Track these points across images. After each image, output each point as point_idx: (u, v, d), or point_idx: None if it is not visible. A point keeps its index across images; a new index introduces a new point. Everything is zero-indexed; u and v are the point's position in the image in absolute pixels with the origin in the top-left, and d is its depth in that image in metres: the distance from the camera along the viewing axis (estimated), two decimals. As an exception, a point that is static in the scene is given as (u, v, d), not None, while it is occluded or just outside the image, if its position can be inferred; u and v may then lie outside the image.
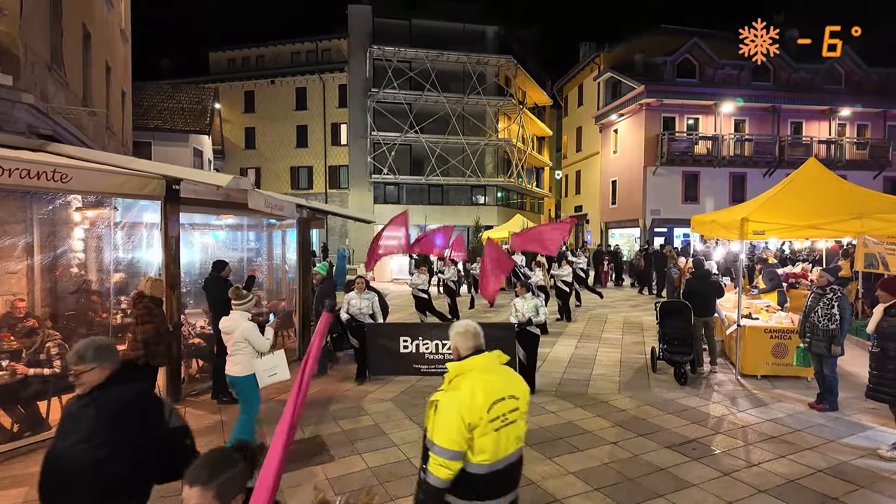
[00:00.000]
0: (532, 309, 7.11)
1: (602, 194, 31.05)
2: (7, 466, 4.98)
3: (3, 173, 4.75)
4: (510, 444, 2.43)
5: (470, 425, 2.32)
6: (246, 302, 5.35)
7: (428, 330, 7.81)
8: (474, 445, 2.34)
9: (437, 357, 7.47)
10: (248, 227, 11.29)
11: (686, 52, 26.73)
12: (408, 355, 7.56)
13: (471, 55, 29.70)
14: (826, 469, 4.89)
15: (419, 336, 7.57)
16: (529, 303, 7.18)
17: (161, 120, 21.66)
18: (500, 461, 2.39)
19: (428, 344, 7.53)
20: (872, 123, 27.88)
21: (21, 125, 7.17)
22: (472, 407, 2.32)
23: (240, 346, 5.09)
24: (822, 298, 6.49)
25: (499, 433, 2.37)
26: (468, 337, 2.62)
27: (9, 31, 7.16)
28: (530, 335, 7.12)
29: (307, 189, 33.16)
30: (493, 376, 2.50)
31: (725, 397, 7.02)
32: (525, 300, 7.23)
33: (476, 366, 2.50)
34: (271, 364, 5.21)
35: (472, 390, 2.37)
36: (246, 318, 5.21)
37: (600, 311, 14.57)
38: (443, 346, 7.45)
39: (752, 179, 26.57)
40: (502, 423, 2.39)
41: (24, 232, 7.27)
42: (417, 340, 7.52)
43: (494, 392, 2.41)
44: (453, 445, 2.30)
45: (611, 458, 5.15)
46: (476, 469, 2.35)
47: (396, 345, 7.57)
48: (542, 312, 7.16)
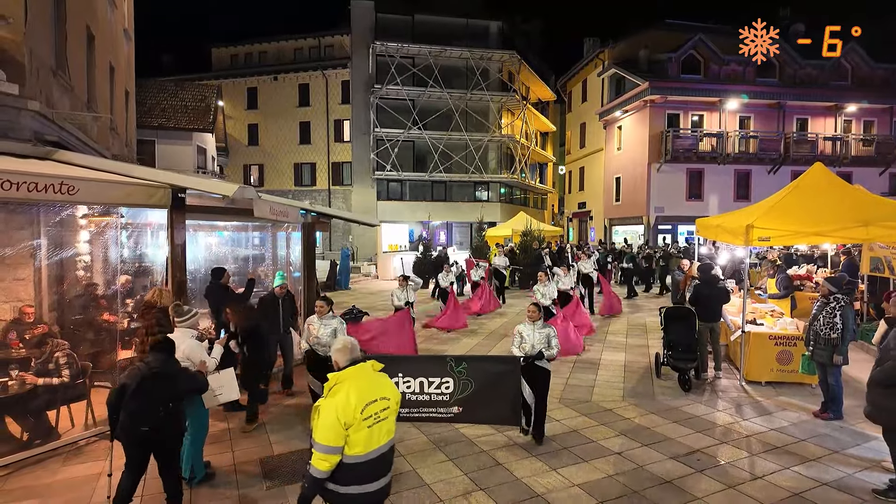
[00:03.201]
0: (543, 340, 5.70)
1: (606, 191, 30.98)
2: (18, 477, 5.03)
3: (11, 187, 4.77)
4: (381, 437, 2.99)
5: (345, 424, 2.84)
6: (188, 318, 5.19)
7: (411, 365, 5.87)
8: (350, 441, 2.87)
9: (423, 398, 5.70)
10: (252, 228, 11.36)
11: (691, 48, 26.56)
12: None
13: (474, 51, 29.57)
14: (831, 482, 4.90)
15: (399, 372, 5.67)
16: (541, 332, 5.73)
17: (165, 118, 21.67)
18: (373, 451, 2.95)
19: (410, 382, 5.71)
20: (879, 119, 27.72)
21: (27, 132, 7.18)
22: (347, 409, 2.84)
23: (184, 365, 4.83)
24: (826, 307, 6.49)
25: (371, 429, 2.92)
26: (346, 352, 3.11)
27: (14, 38, 7.16)
28: (540, 371, 5.71)
29: (310, 186, 33.18)
30: (365, 382, 3.00)
31: (730, 405, 7.02)
32: (534, 328, 5.77)
33: (351, 375, 3.01)
34: (216, 384, 5.00)
35: (347, 395, 2.89)
36: (188, 336, 5.03)
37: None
38: (430, 384, 5.69)
39: (756, 176, 26.48)
40: (374, 421, 2.93)
41: (31, 238, 7.30)
42: (397, 377, 5.64)
43: (367, 395, 2.94)
44: (331, 442, 2.84)
45: (616, 470, 5.18)
46: (352, 459, 2.90)
47: None
48: (554, 344, 5.72)
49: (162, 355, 4.27)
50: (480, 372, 5.66)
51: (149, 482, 4.66)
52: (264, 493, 4.80)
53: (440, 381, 5.66)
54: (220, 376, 5.11)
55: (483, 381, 5.63)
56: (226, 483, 4.98)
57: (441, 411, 5.70)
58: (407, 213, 29.93)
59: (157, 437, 4.12)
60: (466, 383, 5.64)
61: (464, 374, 5.64)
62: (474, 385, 5.63)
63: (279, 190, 30.93)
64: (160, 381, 4.11)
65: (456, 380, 5.65)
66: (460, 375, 5.64)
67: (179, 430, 4.41)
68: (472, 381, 5.63)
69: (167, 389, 4.15)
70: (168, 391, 4.16)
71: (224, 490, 4.85)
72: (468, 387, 5.63)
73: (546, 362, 5.76)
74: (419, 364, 5.94)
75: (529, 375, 5.67)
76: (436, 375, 5.66)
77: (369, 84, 29.52)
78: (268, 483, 4.97)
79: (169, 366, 4.28)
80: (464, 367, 5.66)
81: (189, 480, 4.86)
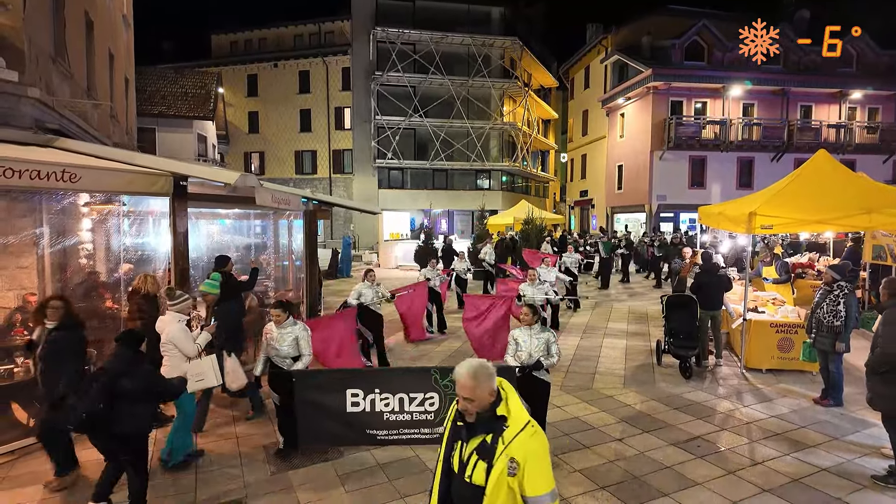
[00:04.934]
0: (542, 347, 4.95)
1: (608, 179, 30.86)
2: (24, 462, 5.10)
3: (13, 175, 4.77)
4: None
5: None
6: (179, 302, 5.20)
7: (390, 378, 5.06)
8: None
9: (404, 418, 4.91)
10: (254, 216, 11.36)
11: (694, 35, 26.29)
12: (359, 416, 4.91)
13: (475, 37, 29.29)
14: (831, 468, 4.94)
15: (376, 387, 4.90)
16: (538, 338, 5.00)
17: (165, 106, 21.58)
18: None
19: (388, 399, 4.89)
20: (884, 106, 27.48)
21: (28, 120, 7.16)
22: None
23: (167, 348, 5.01)
24: (829, 295, 6.49)
25: None
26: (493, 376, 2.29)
27: (12, 25, 7.11)
28: (539, 384, 5.01)
29: (311, 174, 33.08)
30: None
31: (730, 392, 7.06)
32: (531, 333, 5.03)
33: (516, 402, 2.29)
34: (198, 370, 5.03)
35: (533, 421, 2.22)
36: (177, 320, 5.09)
37: (605, 301, 14.61)
38: (411, 401, 4.89)
39: (759, 164, 26.34)
40: None
41: (34, 226, 7.31)
42: (373, 394, 4.89)
43: None
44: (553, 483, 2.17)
45: (617, 456, 5.22)
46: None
47: (341, 401, 4.89)
48: (554, 351, 4.99)
49: (123, 350, 4.08)
50: None
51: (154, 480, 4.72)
52: (268, 478, 4.86)
53: (423, 397, 4.87)
54: (201, 362, 5.11)
55: None
56: (231, 465, 5.04)
57: (425, 432, 4.91)
58: (408, 201, 29.87)
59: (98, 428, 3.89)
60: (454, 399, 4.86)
61: (451, 388, 4.71)
62: None
63: (280, 178, 30.84)
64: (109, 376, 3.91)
65: (442, 395, 4.84)
66: (447, 389, 4.80)
67: (138, 432, 4.08)
68: None
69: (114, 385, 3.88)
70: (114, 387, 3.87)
71: (230, 471, 4.91)
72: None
73: (546, 373, 5.05)
74: (398, 378, 5.02)
75: (526, 388, 4.76)
76: (418, 390, 4.86)
77: (370, 71, 29.30)
78: (272, 469, 5.04)
79: (122, 361, 4.03)
80: (451, 381, 4.63)
81: (164, 463, 4.96)
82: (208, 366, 5.15)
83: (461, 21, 29.40)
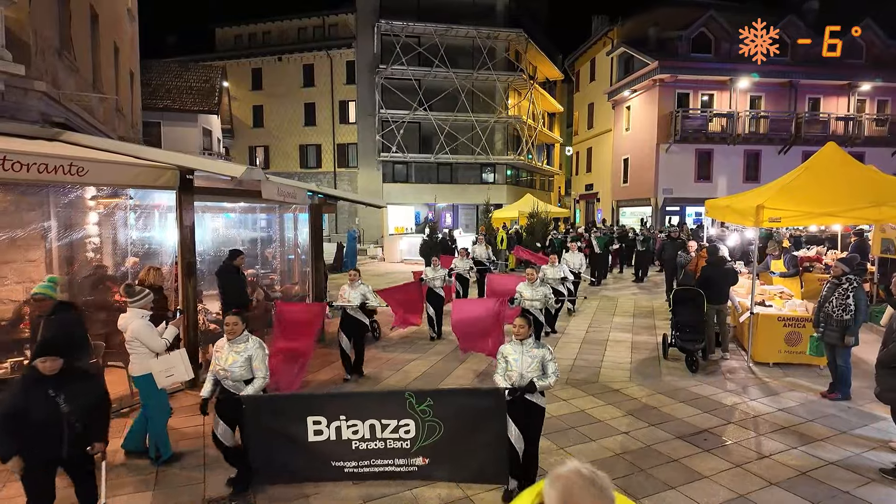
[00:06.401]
0: (536, 366, 4.23)
1: (613, 172, 30.72)
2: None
3: (21, 168, 4.79)
4: None
5: None
6: (139, 299, 5.07)
7: (358, 403, 4.37)
8: None
9: (376, 447, 4.23)
10: (260, 210, 11.39)
11: (702, 26, 26.02)
12: (323, 446, 4.22)
13: (480, 29, 29.11)
14: (838, 461, 4.93)
15: (341, 414, 4.21)
16: (531, 355, 4.25)
17: (170, 100, 21.59)
18: None
19: (357, 426, 4.21)
20: (893, 98, 27.14)
21: (34, 113, 7.19)
22: None
23: (133, 345, 4.91)
24: (838, 288, 6.44)
25: None
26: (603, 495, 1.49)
27: (18, 18, 7.12)
28: (532, 408, 4.28)
29: (316, 168, 33.08)
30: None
31: (737, 385, 7.05)
32: (523, 349, 4.27)
33: None
34: (166, 365, 4.95)
35: None
36: (138, 317, 4.97)
37: (610, 295, 14.59)
38: (384, 427, 4.20)
39: (766, 157, 26.13)
40: None
41: (42, 220, 7.35)
42: (338, 421, 4.20)
43: None
44: None
45: (623, 449, 5.23)
46: None
47: (302, 430, 4.21)
48: (551, 371, 4.25)
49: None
50: (452, 410, 4.21)
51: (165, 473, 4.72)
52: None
53: (397, 424, 4.18)
54: (169, 357, 5.04)
55: (456, 422, 4.19)
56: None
57: (399, 464, 4.24)
58: (413, 195, 29.84)
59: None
60: (433, 426, 4.17)
61: (429, 414, 4.15)
62: (444, 428, 4.16)
63: (285, 172, 30.84)
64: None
65: (419, 421, 4.17)
66: (424, 415, 4.16)
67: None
68: (440, 423, 4.15)
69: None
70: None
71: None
72: (436, 431, 4.16)
73: (540, 396, 4.31)
74: (368, 402, 4.39)
75: (517, 413, 4.22)
76: (391, 416, 4.18)
77: (374, 64, 29.19)
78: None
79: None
80: (429, 405, 4.15)
81: (154, 460, 4.94)
82: (177, 359, 5.06)
83: (466, 13, 29.22)
